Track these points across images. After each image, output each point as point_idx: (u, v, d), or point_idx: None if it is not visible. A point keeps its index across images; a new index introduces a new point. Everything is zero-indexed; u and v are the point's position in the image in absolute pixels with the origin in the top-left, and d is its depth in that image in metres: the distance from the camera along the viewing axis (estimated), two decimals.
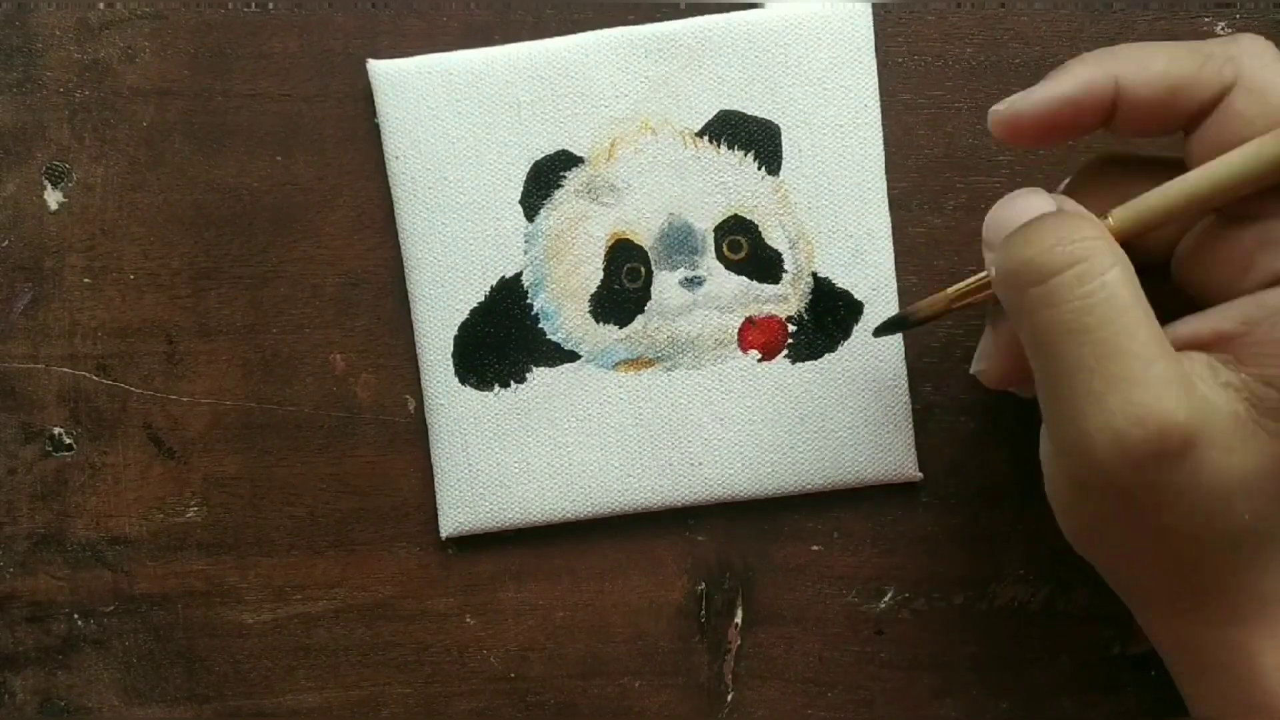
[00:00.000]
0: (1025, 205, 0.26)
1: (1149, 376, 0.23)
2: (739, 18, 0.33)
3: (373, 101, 0.34)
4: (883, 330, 0.32)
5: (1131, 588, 0.28)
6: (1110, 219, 0.26)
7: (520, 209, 0.33)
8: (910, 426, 0.33)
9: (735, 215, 0.33)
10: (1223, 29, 0.33)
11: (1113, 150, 0.29)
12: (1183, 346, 0.25)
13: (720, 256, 0.33)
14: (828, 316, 0.33)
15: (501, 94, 0.33)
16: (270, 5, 0.34)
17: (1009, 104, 0.27)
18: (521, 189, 0.33)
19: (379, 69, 0.33)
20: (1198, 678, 0.27)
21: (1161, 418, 0.23)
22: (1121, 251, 0.24)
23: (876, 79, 0.33)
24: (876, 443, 0.33)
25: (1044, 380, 0.25)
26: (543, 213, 0.33)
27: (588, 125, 0.33)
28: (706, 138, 0.33)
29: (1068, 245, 0.24)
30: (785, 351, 0.33)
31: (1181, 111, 0.25)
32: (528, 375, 0.34)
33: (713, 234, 0.33)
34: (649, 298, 0.33)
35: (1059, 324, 0.24)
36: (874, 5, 0.33)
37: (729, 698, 0.35)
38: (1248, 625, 0.26)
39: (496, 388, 0.34)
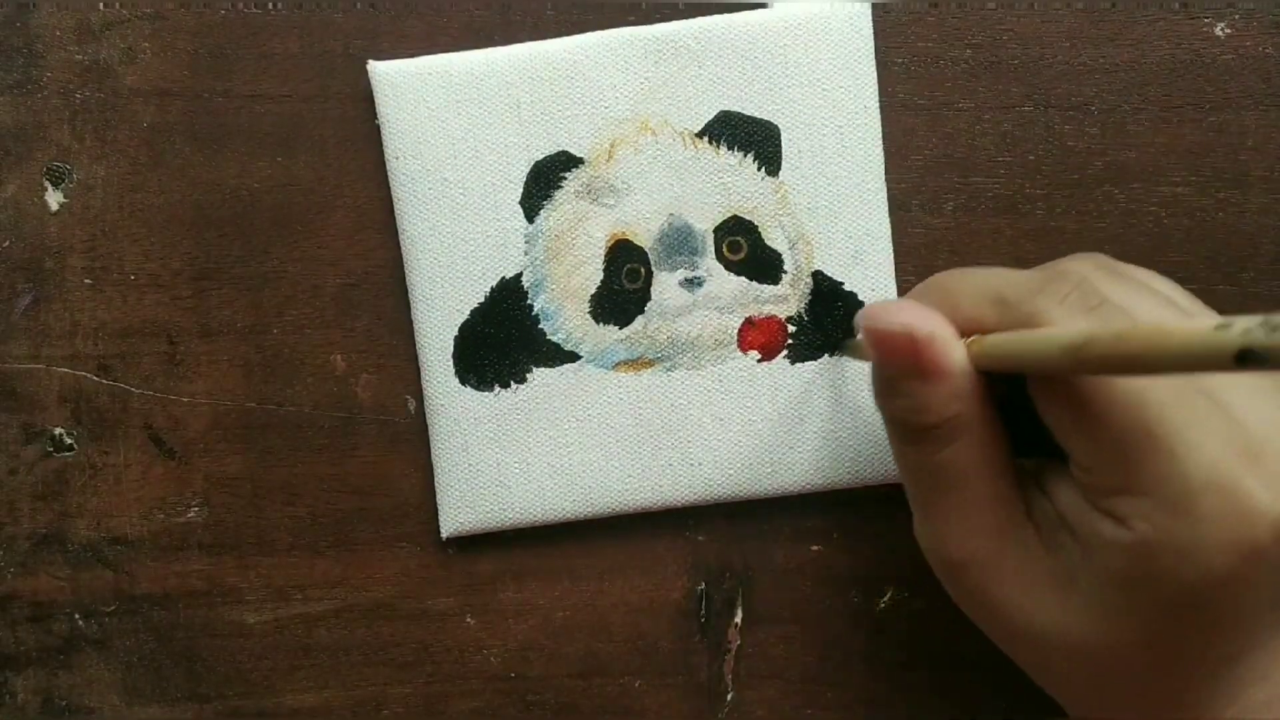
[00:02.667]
0: (913, 314, 0.26)
1: (952, 528, 0.27)
2: (739, 19, 0.33)
3: (373, 102, 0.34)
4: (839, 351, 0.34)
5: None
6: (970, 345, 0.26)
7: (520, 210, 0.33)
8: None
9: (735, 216, 0.33)
10: (1223, 29, 0.33)
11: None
12: (1040, 491, 0.27)
13: (720, 257, 0.33)
14: (827, 317, 0.33)
15: (501, 95, 0.33)
16: (271, 6, 0.34)
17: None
18: (522, 190, 0.33)
19: (379, 70, 0.33)
20: None
21: (952, 558, 0.27)
22: (975, 411, 0.26)
23: (876, 80, 0.33)
24: (876, 443, 0.33)
25: (904, 484, 0.29)
26: (543, 213, 0.33)
27: (588, 126, 0.33)
28: (706, 138, 0.33)
29: (926, 416, 0.26)
30: (785, 352, 0.33)
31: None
32: (528, 375, 0.34)
33: (712, 234, 0.33)
34: (649, 298, 0.33)
35: (906, 463, 0.28)
36: (874, 6, 0.33)
37: (729, 697, 0.35)
38: None
39: (497, 388, 0.34)
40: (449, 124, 0.33)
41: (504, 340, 0.34)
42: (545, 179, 0.33)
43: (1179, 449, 0.23)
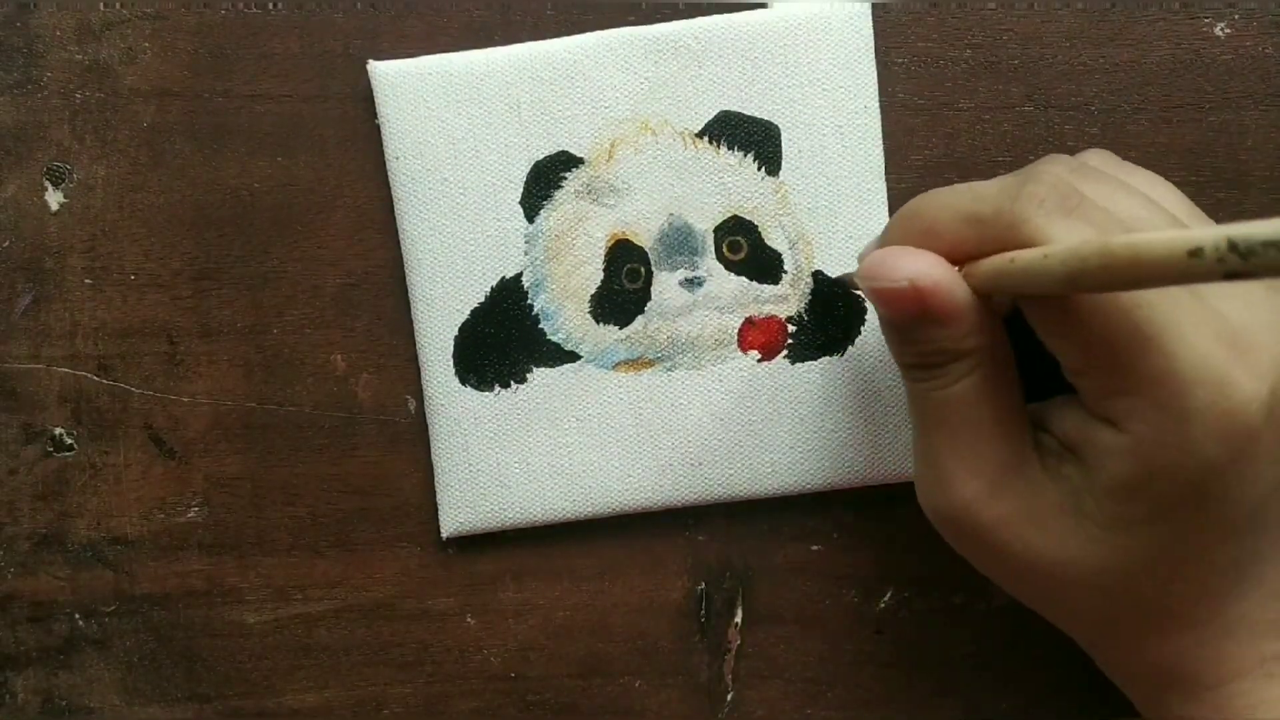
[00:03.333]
0: (912, 264, 0.26)
1: (960, 466, 0.27)
2: (739, 19, 0.33)
3: (373, 102, 0.34)
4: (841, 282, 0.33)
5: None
6: (965, 272, 0.26)
7: (520, 210, 0.33)
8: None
9: (735, 216, 0.33)
10: (1222, 29, 0.33)
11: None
12: (1045, 425, 0.27)
13: (720, 257, 0.33)
14: (827, 317, 0.33)
15: (502, 95, 0.33)
16: (271, 6, 0.34)
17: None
18: (522, 189, 0.33)
19: (379, 70, 0.33)
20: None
21: (957, 500, 0.27)
22: (987, 341, 0.26)
23: (876, 80, 0.33)
24: (876, 443, 0.33)
25: (914, 428, 0.29)
26: (543, 213, 0.33)
27: (588, 126, 0.33)
28: (706, 138, 0.33)
29: (930, 347, 0.26)
30: (785, 352, 0.33)
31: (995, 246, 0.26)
32: (528, 375, 0.34)
33: (712, 234, 0.33)
34: (649, 298, 0.33)
35: (920, 403, 0.27)
36: (874, 6, 0.33)
37: (729, 697, 0.35)
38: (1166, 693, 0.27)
39: (497, 388, 0.34)
40: (449, 124, 0.33)
41: (504, 340, 0.34)
42: (545, 179, 0.33)
43: (1168, 346, 0.23)
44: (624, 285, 0.33)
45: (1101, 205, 0.25)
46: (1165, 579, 0.25)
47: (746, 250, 0.33)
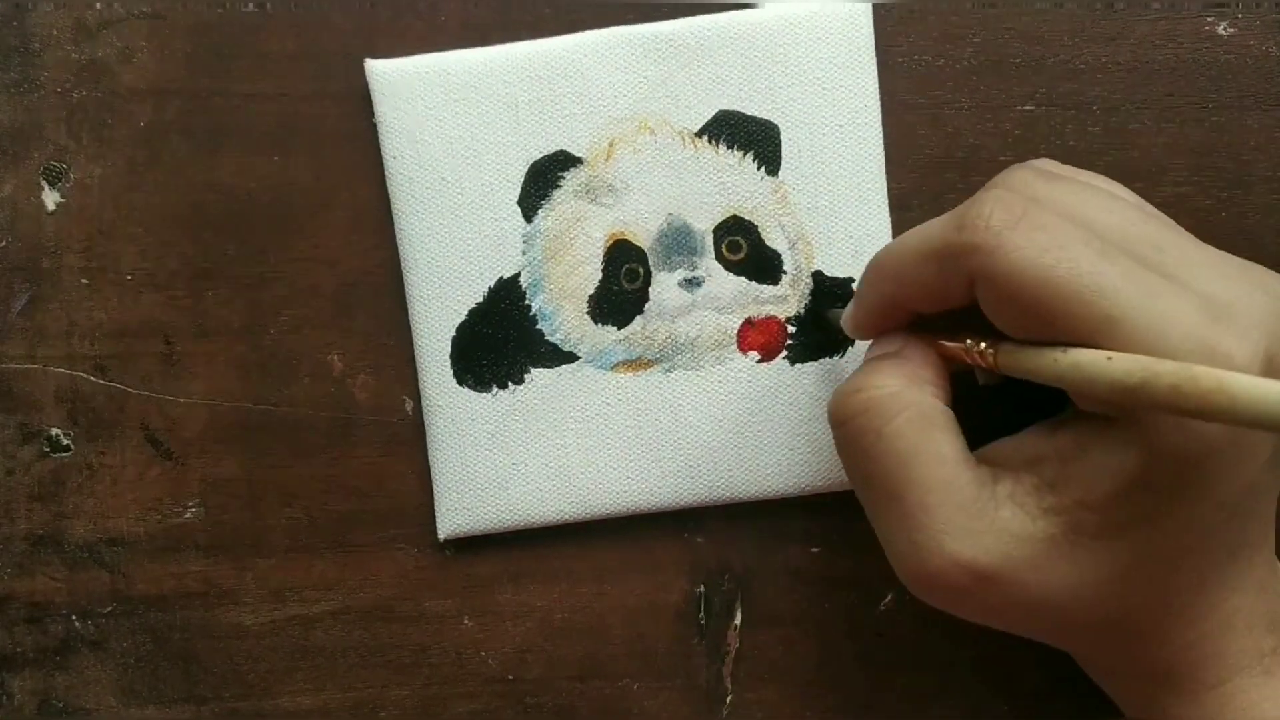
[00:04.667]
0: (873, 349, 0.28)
1: (933, 522, 0.25)
2: (738, 17, 0.33)
3: (371, 101, 0.34)
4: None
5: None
6: (990, 353, 0.26)
7: (519, 209, 0.33)
8: None
9: (734, 216, 0.33)
10: (1225, 28, 0.33)
11: None
12: (1017, 465, 0.26)
13: (719, 257, 0.33)
14: (827, 317, 0.33)
15: (500, 94, 0.33)
16: (268, 5, 0.34)
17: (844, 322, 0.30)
18: (520, 189, 0.33)
19: (377, 69, 0.33)
20: None
21: (946, 559, 0.25)
22: (916, 398, 0.26)
23: (876, 79, 0.33)
24: None
25: (863, 506, 0.28)
26: (541, 213, 0.33)
27: (586, 125, 0.33)
28: (705, 138, 0.33)
29: (854, 396, 0.26)
30: (784, 352, 0.33)
31: (960, 288, 0.25)
32: (526, 376, 0.33)
33: (712, 234, 0.33)
34: (648, 299, 0.33)
35: (852, 469, 0.27)
36: (874, 5, 0.33)
37: (728, 700, 0.34)
38: (1180, 695, 0.27)
39: (494, 389, 0.34)
40: (447, 123, 0.33)
41: (502, 341, 0.33)
42: (543, 178, 0.33)
43: (1151, 327, 0.23)
44: (622, 285, 0.33)
45: (1062, 204, 0.25)
46: (1165, 576, 0.25)
47: (746, 250, 0.33)
